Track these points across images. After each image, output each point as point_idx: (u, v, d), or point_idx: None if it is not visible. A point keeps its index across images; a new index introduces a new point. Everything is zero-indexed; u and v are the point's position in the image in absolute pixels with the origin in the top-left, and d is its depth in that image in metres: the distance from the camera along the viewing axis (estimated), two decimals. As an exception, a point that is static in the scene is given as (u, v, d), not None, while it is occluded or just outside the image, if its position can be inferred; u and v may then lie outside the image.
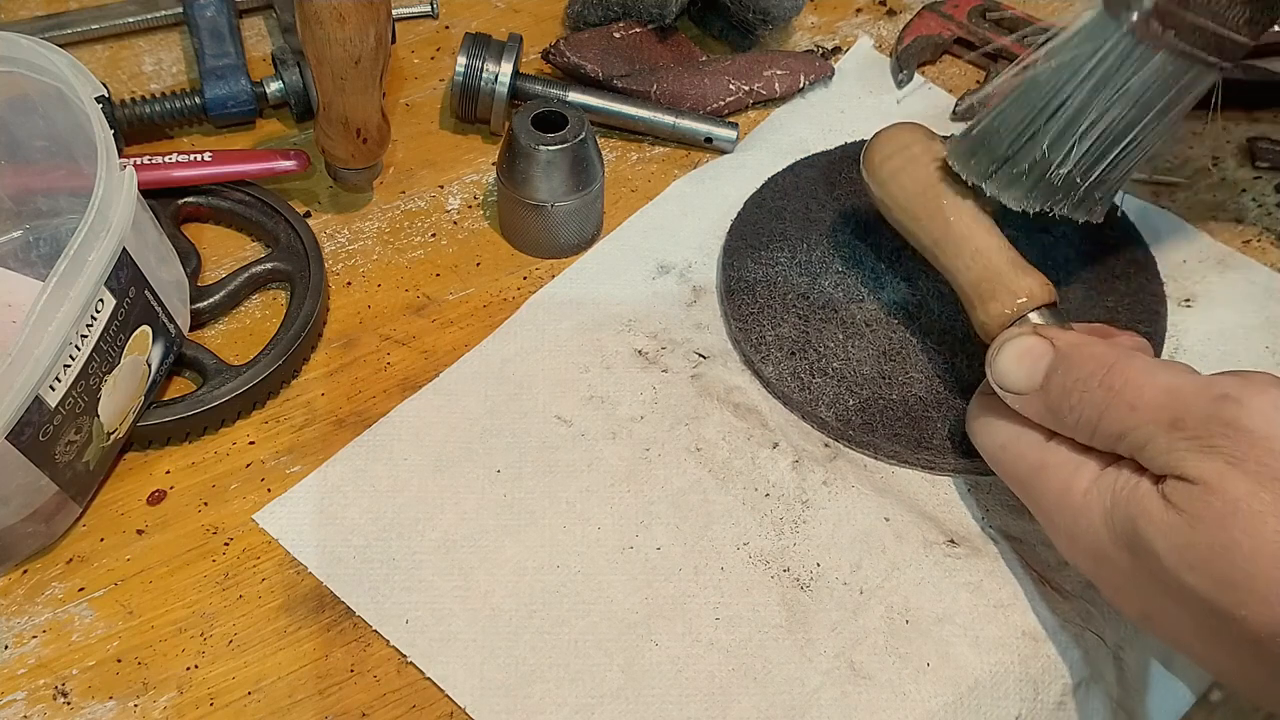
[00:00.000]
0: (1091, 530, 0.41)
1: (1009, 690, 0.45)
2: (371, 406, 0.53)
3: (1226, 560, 0.36)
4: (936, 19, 0.71)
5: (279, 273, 0.57)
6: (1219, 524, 0.37)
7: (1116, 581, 0.42)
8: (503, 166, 0.58)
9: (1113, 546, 0.40)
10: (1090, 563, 0.42)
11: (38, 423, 0.43)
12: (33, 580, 0.47)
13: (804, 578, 0.47)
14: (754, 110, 0.68)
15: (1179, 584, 0.38)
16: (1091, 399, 0.41)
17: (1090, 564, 0.43)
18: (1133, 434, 0.40)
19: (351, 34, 0.52)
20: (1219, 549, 0.36)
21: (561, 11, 0.73)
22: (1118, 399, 0.40)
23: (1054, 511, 0.43)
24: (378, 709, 0.44)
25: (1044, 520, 0.44)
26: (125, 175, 0.46)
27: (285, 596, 0.47)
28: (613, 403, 0.53)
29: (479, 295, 0.58)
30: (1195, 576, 0.37)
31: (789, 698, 0.44)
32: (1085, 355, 0.42)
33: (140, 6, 0.70)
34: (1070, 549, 0.43)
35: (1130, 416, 0.40)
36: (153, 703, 0.44)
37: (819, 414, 0.52)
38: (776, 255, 0.58)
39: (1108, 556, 0.41)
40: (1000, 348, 0.45)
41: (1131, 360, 0.41)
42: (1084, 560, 0.43)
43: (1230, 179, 0.65)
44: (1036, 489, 0.44)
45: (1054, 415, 0.43)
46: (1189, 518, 0.37)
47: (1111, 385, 0.41)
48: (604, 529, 0.49)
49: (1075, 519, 0.42)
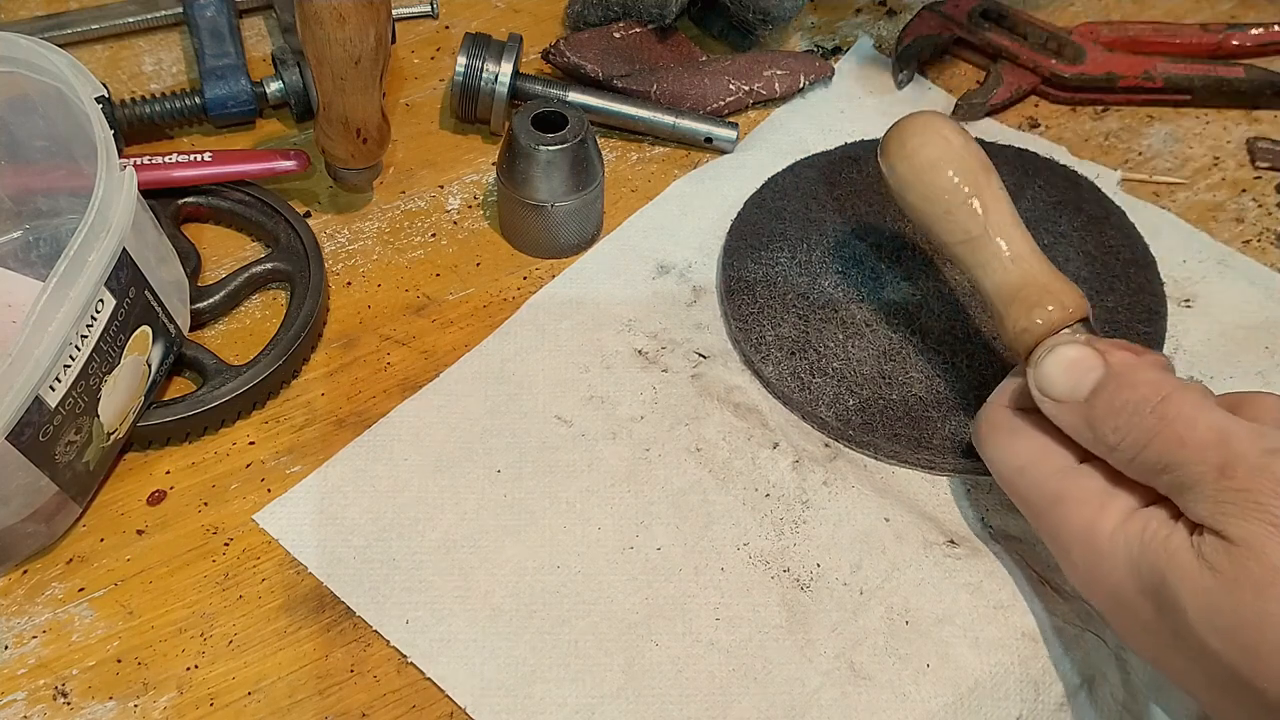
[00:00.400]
0: (1114, 574, 0.40)
1: (1009, 691, 0.45)
2: (371, 406, 0.53)
3: (1257, 630, 0.35)
4: (936, 19, 0.71)
5: (279, 273, 0.57)
6: (1255, 591, 0.35)
7: (1132, 627, 0.40)
8: (503, 166, 0.58)
9: (1135, 594, 0.39)
10: (1107, 603, 0.41)
11: (38, 423, 0.43)
12: (33, 580, 0.47)
13: (804, 578, 0.47)
14: (754, 110, 0.68)
15: (1201, 644, 0.37)
16: (1141, 424, 0.39)
17: (1107, 604, 0.41)
18: (1177, 470, 0.38)
19: (351, 34, 0.52)
20: (1251, 618, 0.35)
21: (561, 11, 0.73)
22: (1168, 429, 0.39)
23: (1072, 547, 0.42)
24: (378, 709, 0.44)
25: (1058, 551, 0.43)
26: (125, 175, 0.46)
27: (285, 596, 0.47)
28: (613, 403, 0.53)
29: (479, 295, 0.58)
30: (1221, 641, 0.36)
31: (789, 698, 0.44)
32: (1140, 379, 0.41)
33: (140, 6, 0.70)
34: (1085, 585, 0.42)
35: (1179, 451, 0.38)
36: (153, 703, 0.44)
37: (819, 414, 0.52)
38: (776, 255, 0.58)
39: (1128, 603, 0.40)
40: (1050, 351, 0.43)
41: (1186, 393, 0.40)
42: (1099, 599, 0.42)
43: (1230, 179, 0.65)
44: (1054, 521, 0.42)
45: (1093, 432, 0.41)
46: (1224, 580, 0.36)
47: (1164, 415, 0.39)
48: (604, 529, 0.49)
49: (1097, 560, 0.40)
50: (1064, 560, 0.43)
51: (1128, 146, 0.67)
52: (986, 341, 0.54)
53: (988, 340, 0.54)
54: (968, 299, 0.56)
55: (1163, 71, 0.67)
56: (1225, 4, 0.76)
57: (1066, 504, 0.42)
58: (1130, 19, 0.74)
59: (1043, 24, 0.70)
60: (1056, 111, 0.69)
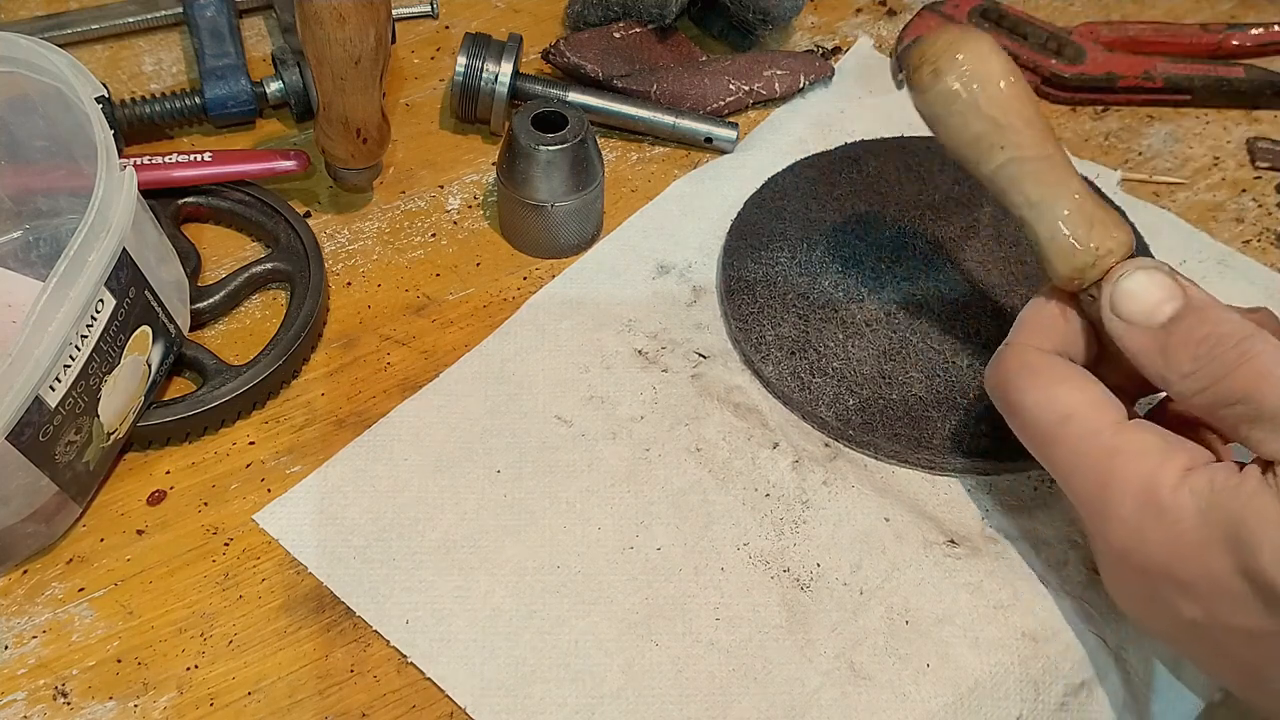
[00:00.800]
0: (1175, 527, 0.39)
1: (1009, 691, 0.45)
2: (371, 406, 0.53)
3: None
4: (936, 19, 0.71)
5: (279, 273, 0.57)
6: None
7: (1177, 589, 0.40)
8: (503, 166, 0.58)
9: (1200, 546, 0.39)
10: (1157, 558, 0.40)
11: (38, 423, 0.43)
12: (33, 580, 0.47)
13: (804, 578, 0.47)
14: (754, 110, 0.68)
15: (1271, 586, 0.36)
16: (1222, 355, 0.40)
17: (1157, 559, 0.40)
18: (1254, 403, 0.39)
19: (351, 34, 0.52)
20: None
21: (561, 11, 0.73)
22: (1250, 365, 0.39)
23: (1124, 500, 0.41)
24: (378, 709, 0.44)
25: (1101, 506, 0.42)
26: (125, 175, 0.46)
27: (285, 596, 0.47)
28: (613, 403, 0.53)
29: (479, 295, 0.58)
30: None
31: (789, 698, 0.44)
32: (1222, 316, 0.41)
33: (140, 6, 0.70)
34: (1133, 540, 0.41)
35: (1260, 384, 0.39)
36: (153, 703, 0.44)
37: (819, 414, 0.52)
38: (776, 255, 0.58)
39: (1188, 556, 0.39)
40: (1135, 270, 0.42)
41: (1268, 338, 0.40)
42: (1148, 555, 0.40)
43: (1230, 179, 0.65)
44: (1103, 473, 0.41)
45: (1164, 357, 0.41)
46: None
47: (1247, 351, 0.39)
48: (604, 529, 0.49)
49: (1157, 513, 0.40)
50: (1108, 515, 0.41)
51: (1128, 146, 0.67)
52: (986, 341, 0.54)
53: (988, 340, 0.54)
54: (968, 299, 0.56)
55: (1163, 71, 0.67)
56: (1225, 4, 0.76)
57: (1124, 456, 0.41)
58: (1130, 19, 0.74)
59: (1043, 24, 0.70)
60: (1056, 111, 0.69)
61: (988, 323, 0.55)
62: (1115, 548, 0.42)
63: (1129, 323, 0.42)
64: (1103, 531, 0.42)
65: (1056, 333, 0.45)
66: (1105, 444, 0.42)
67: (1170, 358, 0.41)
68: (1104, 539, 0.42)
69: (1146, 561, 0.41)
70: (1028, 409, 0.44)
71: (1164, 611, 0.41)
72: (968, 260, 0.58)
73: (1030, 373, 0.44)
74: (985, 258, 0.58)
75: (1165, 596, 0.41)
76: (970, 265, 0.58)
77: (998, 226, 0.59)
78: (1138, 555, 0.41)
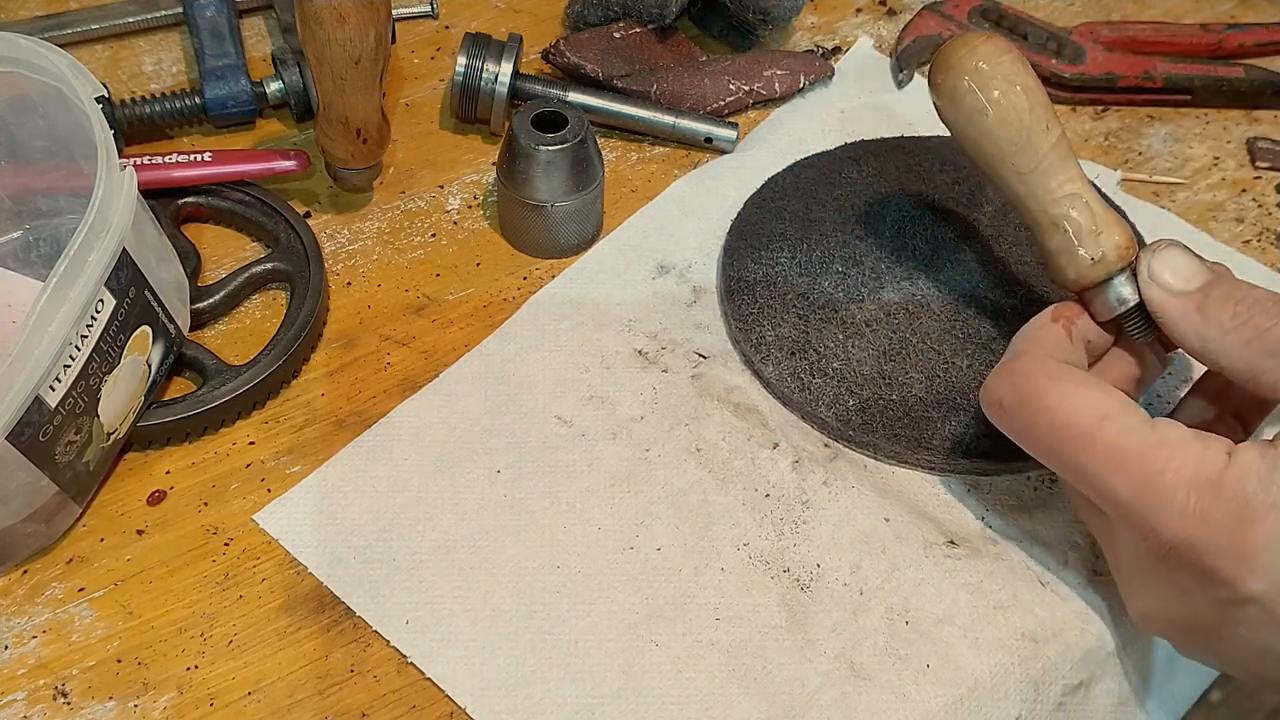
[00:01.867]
0: (1239, 499, 0.39)
1: (1009, 691, 0.45)
2: (371, 406, 0.53)
3: None
4: (936, 19, 0.71)
5: (279, 273, 0.57)
6: None
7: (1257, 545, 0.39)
8: (503, 166, 0.58)
9: (1274, 507, 0.39)
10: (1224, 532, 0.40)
11: (38, 423, 0.43)
12: (33, 580, 0.47)
13: (804, 578, 0.47)
14: (754, 110, 0.68)
15: None
16: (1264, 309, 0.42)
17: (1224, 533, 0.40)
18: None
19: (351, 34, 0.52)
20: None
21: (561, 11, 0.73)
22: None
23: (1178, 488, 0.40)
24: (378, 709, 0.44)
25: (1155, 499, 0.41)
26: (125, 175, 0.46)
27: (285, 597, 0.47)
28: (613, 403, 0.53)
29: (479, 295, 0.58)
30: None
31: (789, 698, 0.44)
32: (1252, 286, 0.44)
33: (140, 6, 0.70)
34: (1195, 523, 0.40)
35: None
36: (153, 703, 0.44)
37: (819, 414, 0.52)
38: (776, 255, 0.58)
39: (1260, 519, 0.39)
40: (1170, 244, 0.45)
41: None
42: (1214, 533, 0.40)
43: (1230, 179, 0.65)
44: (1153, 467, 0.41)
45: (1203, 316, 0.44)
46: None
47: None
48: (604, 529, 0.49)
49: (1215, 492, 0.40)
50: (1161, 507, 0.41)
51: (1128, 146, 0.67)
52: (986, 341, 0.54)
53: (988, 340, 0.54)
54: (968, 299, 0.56)
55: (1163, 71, 0.67)
56: (1225, 4, 0.76)
57: (1169, 447, 0.41)
58: (1130, 19, 0.74)
59: (1043, 24, 0.70)
60: (1057, 111, 0.68)
61: (988, 323, 0.55)
62: (1169, 540, 0.41)
63: (1167, 289, 0.45)
64: (1153, 527, 0.41)
65: (1064, 350, 0.46)
66: (1149, 437, 0.42)
67: (1210, 315, 0.44)
68: (1154, 535, 0.41)
69: (1208, 544, 0.40)
70: (1060, 412, 0.43)
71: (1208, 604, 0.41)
72: (968, 260, 0.58)
73: (1058, 379, 0.44)
74: (985, 258, 0.58)
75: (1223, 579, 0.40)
76: (970, 265, 0.58)
77: (998, 226, 0.59)
78: (1199, 540, 0.40)
